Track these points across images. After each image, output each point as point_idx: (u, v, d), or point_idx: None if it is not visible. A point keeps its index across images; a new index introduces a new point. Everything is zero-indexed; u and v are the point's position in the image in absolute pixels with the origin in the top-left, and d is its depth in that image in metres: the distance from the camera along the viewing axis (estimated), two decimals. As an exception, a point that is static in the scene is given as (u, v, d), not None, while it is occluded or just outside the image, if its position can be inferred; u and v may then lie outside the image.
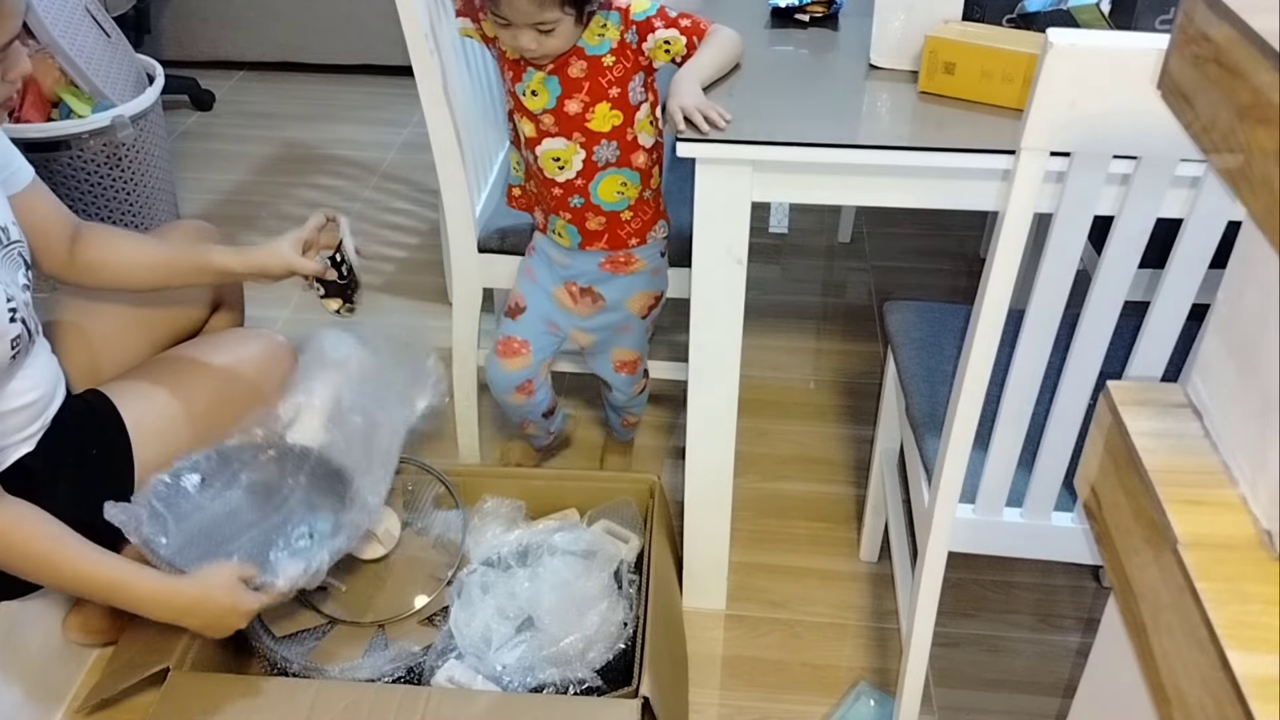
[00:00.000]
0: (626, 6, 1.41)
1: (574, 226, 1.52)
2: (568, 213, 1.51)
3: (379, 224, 2.65)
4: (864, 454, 1.95)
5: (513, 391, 1.65)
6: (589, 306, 1.58)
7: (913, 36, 1.37)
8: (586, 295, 1.57)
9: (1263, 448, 0.58)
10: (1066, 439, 1.16)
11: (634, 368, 1.68)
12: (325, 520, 1.42)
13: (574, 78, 1.41)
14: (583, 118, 1.43)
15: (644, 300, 1.60)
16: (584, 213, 1.50)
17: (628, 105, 1.44)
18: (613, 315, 1.59)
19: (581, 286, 1.57)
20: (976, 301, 1.09)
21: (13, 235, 1.29)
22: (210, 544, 1.37)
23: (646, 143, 1.48)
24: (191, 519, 1.38)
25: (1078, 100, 0.93)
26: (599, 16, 1.40)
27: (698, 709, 1.50)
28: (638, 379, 1.72)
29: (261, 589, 1.30)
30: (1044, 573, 1.70)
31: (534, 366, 1.63)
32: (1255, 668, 0.50)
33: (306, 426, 1.48)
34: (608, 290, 1.57)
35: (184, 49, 3.36)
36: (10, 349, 1.21)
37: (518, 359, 1.62)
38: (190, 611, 1.27)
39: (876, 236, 2.60)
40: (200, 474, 1.41)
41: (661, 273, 1.60)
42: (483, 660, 1.37)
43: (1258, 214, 0.52)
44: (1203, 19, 0.57)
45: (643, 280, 1.58)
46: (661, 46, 1.41)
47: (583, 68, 1.41)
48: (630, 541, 1.56)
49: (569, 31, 1.36)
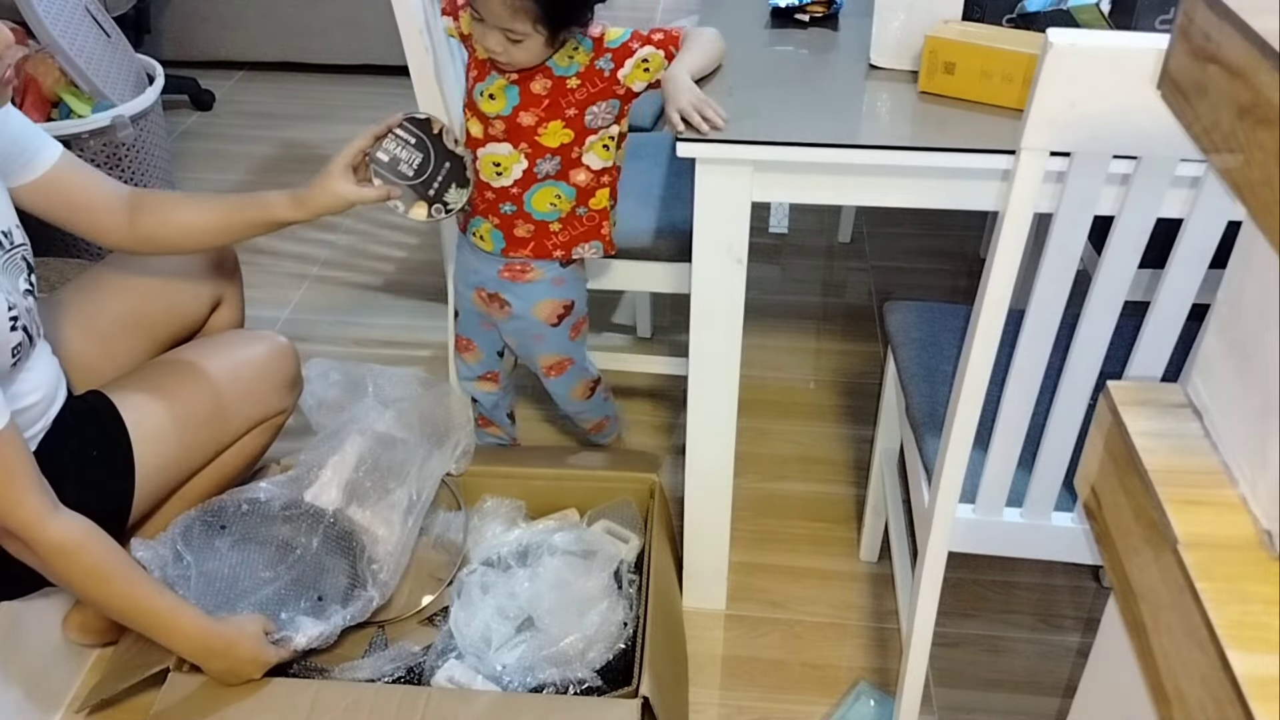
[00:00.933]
0: (601, 34, 1.41)
1: (500, 231, 1.51)
2: (496, 217, 1.50)
3: (379, 224, 2.65)
4: (864, 454, 1.95)
5: (476, 380, 1.73)
6: (499, 311, 1.59)
7: (913, 36, 1.37)
8: (495, 300, 1.58)
9: (1263, 448, 0.58)
10: (1066, 439, 1.16)
11: (561, 369, 1.66)
12: (335, 586, 1.46)
13: (535, 93, 1.42)
14: (534, 130, 1.43)
15: (550, 308, 1.57)
16: (514, 219, 1.50)
17: (582, 127, 1.44)
18: (522, 322, 1.59)
19: (490, 292, 1.58)
20: (976, 301, 1.09)
21: (15, 239, 1.28)
22: (230, 594, 1.42)
23: (594, 164, 1.47)
24: (210, 565, 1.42)
25: (1078, 100, 0.93)
26: (572, 41, 1.40)
27: (698, 709, 1.50)
28: (570, 383, 1.69)
29: (280, 643, 1.34)
30: (1044, 573, 1.70)
31: (487, 359, 1.70)
32: (1255, 668, 0.50)
33: (326, 488, 1.51)
34: (511, 297, 1.56)
35: (184, 49, 3.36)
36: (11, 357, 1.21)
37: (469, 354, 1.71)
38: (220, 655, 1.30)
39: (876, 236, 2.60)
40: (223, 522, 1.45)
41: (567, 282, 1.57)
42: (483, 660, 1.37)
43: (1258, 214, 0.52)
44: (1203, 19, 0.57)
45: (543, 289, 1.55)
46: (640, 67, 1.41)
47: (546, 85, 1.41)
48: (630, 541, 1.56)
49: (537, 49, 1.36)
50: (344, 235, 2.61)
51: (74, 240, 2.28)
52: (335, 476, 1.51)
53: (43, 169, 1.33)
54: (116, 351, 1.49)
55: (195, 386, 1.45)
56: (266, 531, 1.48)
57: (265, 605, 1.41)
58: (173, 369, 1.47)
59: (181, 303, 1.57)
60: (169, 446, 1.39)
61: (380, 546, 1.46)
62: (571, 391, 1.71)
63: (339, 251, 2.55)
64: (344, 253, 2.55)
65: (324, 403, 1.61)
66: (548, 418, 2.02)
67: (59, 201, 1.34)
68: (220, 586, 1.41)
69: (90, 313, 1.49)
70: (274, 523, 1.48)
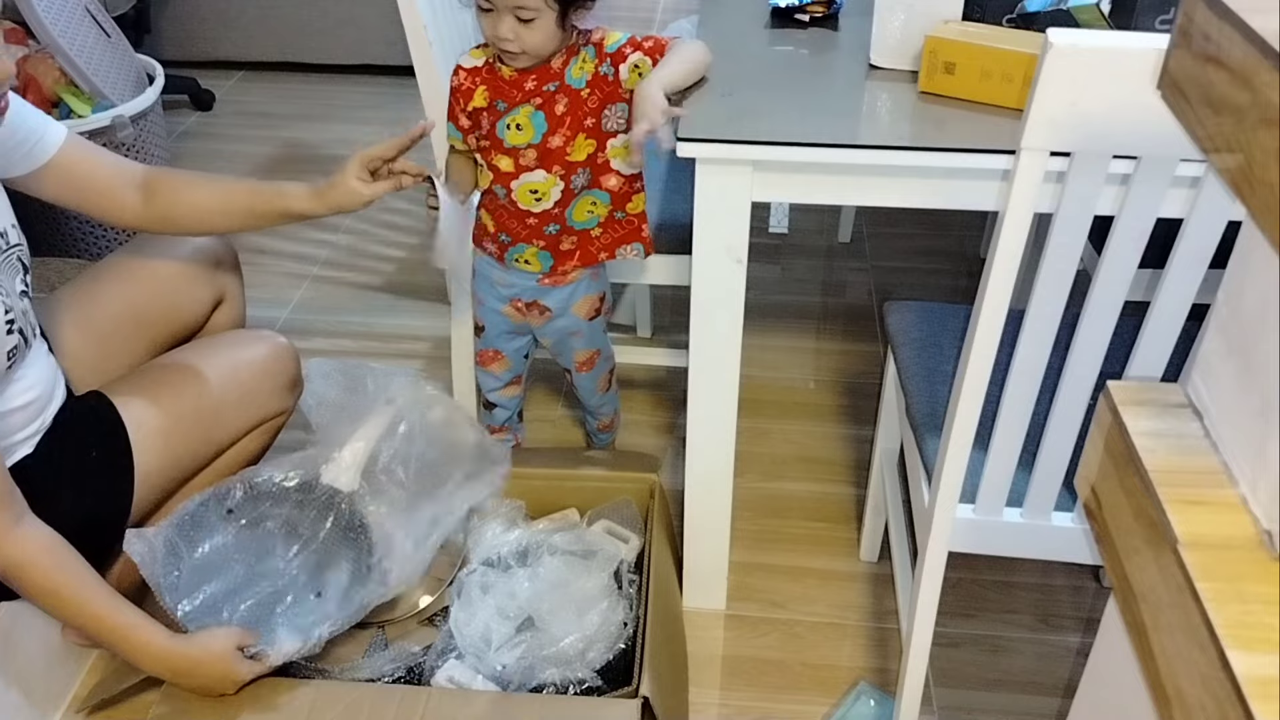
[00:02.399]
0: (601, 39, 1.42)
1: (547, 252, 1.53)
2: (541, 240, 1.51)
3: (379, 224, 2.65)
4: (864, 454, 1.95)
5: (504, 387, 1.74)
6: (538, 318, 1.61)
7: (913, 36, 1.37)
8: (533, 308, 1.60)
9: (1263, 448, 0.58)
10: (1066, 439, 1.16)
11: (591, 363, 1.70)
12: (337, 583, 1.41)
13: (559, 114, 1.42)
14: (564, 151, 1.44)
15: (589, 304, 1.61)
16: (559, 238, 1.51)
17: (600, 133, 1.45)
18: (562, 321, 1.61)
19: (526, 301, 1.59)
20: (976, 301, 1.09)
21: (11, 239, 1.28)
22: (219, 591, 1.38)
23: (620, 168, 1.48)
24: (207, 558, 1.39)
25: (1078, 100, 0.93)
26: (582, 53, 1.41)
27: (698, 709, 1.50)
28: (599, 375, 1.74)
29: (256, 657, 1.29)
30: (1044, 573, 1.70)
31: (515, 366, 1.71)
32: (1255, 668, 0.50)
33: (342, 467, 1.43)
34: (551, 301, 1.58)
35: (184, 49, 3.36)
36: (6, 360, 1.21)
37: (496, 364, 1.71)
38: (185, 674, 1.26)
39: (876, 236, 2.60)
40: (230, 505, 1.41)
41: (600, 275, 1.61)
42: (483, 660, 1.37)
43: (1258, 214, 0.52)
44: (1203, 19, 0.57)
45: (583, 286, 1.59)
46: (635, 71, 1.42)
47: (566, 104, 1.42)
48: (630, 541, 1.56)
49: (549, 30, 1.35)
50: (344, 235, 2.61)
51: (74, 240, 2.29)
52: (356, 459, 1.43)
53: (48, 155, 1.32)
54: (116, 351, 1.49)
55: (195, 387, 1.45)
56: (274, 515, 1.43)
57: (260, 603, 1.38)
58: (173, 370, 1.47)
59: (181, 302, 1.57)
60: (169, 447, 1.39)
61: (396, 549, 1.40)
62: (598, 384, 1.75)
63: (339, 251, 2.55)
64: (344, 253, 2.55)
65: (324, 402, 1.60)
66: (548, 418, 2.02)
67: (70, 185, 1.34)
68: (213, 584, 1.38)
69: (90, 313, 1.49)
70: (283, 504, 1.43)
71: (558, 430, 2.00)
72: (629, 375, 2.13)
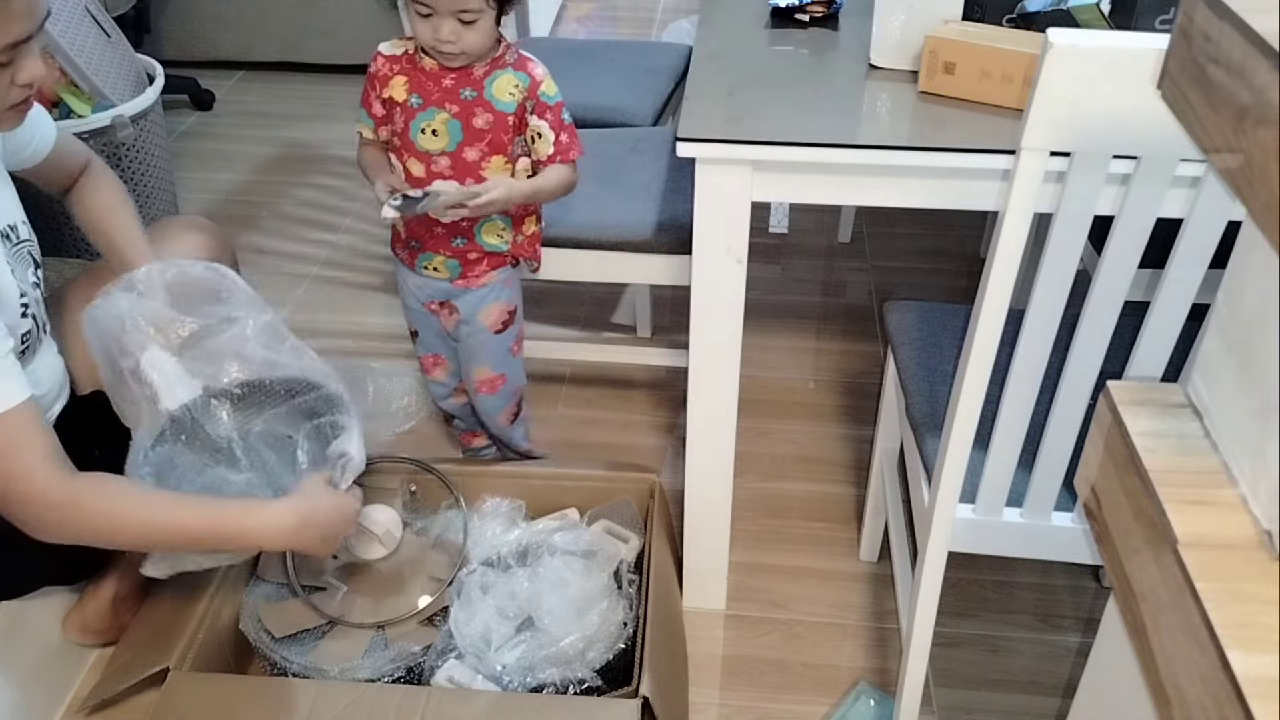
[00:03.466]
0: (540, 79, 1.43)
1: (455, 260, 1.54)
2: (449, 251, 1.53)
3: (379, 223, 2.65)
4: (864, 454, 1.95)
5: (452, 395, 1.75)
6: (449, 319, 1.61)
7: (913, 36, 1.37)
8: (445, 308, 1.60)
9: (1263, 448, 0.58)
10: (1066, 439, 1.16)
11: (493, 386, 1.67)
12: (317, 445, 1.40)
13: (478, 128, 1.42)
14: (479, 165, 1.44)
15: (496, 313, 1.59)
16: (467, 251, 1.53)
17: (511, 156, 1.47)
18: (467, 328, 1.60)
19: (439, 301, 1.59)
20: (976, 301, 1.09)
21: (21, 234, 1.30)
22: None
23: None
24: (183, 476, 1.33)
25: (1078, 100, 0.93)
26: (512, 76, 1.42)
27: (698, 709, 1.50)
28: (503, 403, 1.70)
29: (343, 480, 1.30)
30: (1044, 573, 1.70)
31: (456, 369, 1.71)
32: (1255, 668, 0.50)
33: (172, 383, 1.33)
34: (461, 304, 1.58)
35: (184, 49, 3.36)
36: (21, 344, 1.22)
37: (439, 369, 1.72)
38: (305, 525, 1.25)
39: (876, 236, 2.60)
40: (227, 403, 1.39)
41: (513, 284, 1.61)
42: (483, 660, 1.37)
43: (1258, 214, 0.52)
44: (1203, 19, 0.57)
45: (494, 291, 1.58)
46: (535, 132, 1.44)
47: (488, 120, 1.42)
48: (630, 541, 1.56)
49: (488, 29, 1.36)
50: (344, 235, 2.60)
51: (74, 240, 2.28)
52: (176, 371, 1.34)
53: (43, 154, 1.40)
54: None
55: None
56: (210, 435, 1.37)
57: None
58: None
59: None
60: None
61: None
62: (502, 414, 1.73)
63: (339, 251, 2.55)
64: (344, 253, 2.55)
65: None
66: (548, 418, 2.02)
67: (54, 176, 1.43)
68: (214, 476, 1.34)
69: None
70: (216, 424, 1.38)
71: (558, 430, 2.00)
72: (629, 375, 2.13)
